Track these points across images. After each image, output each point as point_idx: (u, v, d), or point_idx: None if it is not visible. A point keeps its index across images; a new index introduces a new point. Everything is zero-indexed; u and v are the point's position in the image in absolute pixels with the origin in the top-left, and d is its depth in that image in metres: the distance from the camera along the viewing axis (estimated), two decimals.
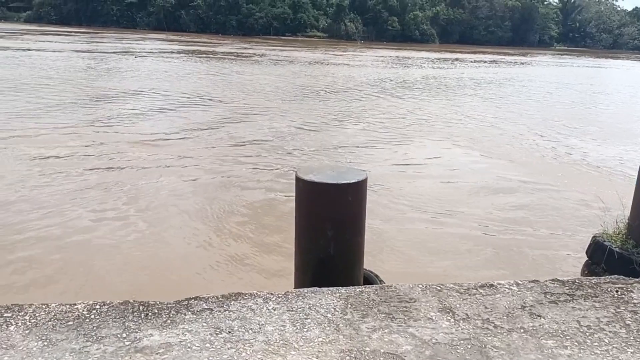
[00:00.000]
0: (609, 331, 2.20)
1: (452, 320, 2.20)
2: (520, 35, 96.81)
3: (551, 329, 2.19)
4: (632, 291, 2.58)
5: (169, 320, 2.08)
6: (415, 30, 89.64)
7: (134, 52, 35.14)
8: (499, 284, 2.58)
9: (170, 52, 37.68)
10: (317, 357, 1.88)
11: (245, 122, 13.21)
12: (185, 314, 2.13)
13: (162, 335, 1.97)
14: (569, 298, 2.49)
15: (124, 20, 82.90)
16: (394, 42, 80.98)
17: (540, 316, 2.30)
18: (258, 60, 35.29)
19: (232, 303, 2.24)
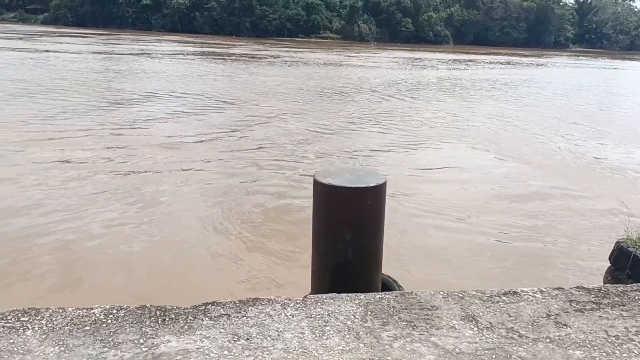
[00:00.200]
0: (639, 341, 2.12)
1: (476, 329, 2.14)
2: (536, 36, 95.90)
3: (578, 339, 2.12)
4: None
5: (186, 326, 2.04)
6: (429, 32, 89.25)
7: (150, 54, 35.40)
8: (522, 291, 2.51)
9: (185, 54, 37.91)
10: None
11: (261, 125, 13.18)
12: (202, 320, 2.10)
13: (180, 341, 1.94)
14: (595, 307, 2.42)
15: (139, 22, 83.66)
16: (407, 43, 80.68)
17: (566, 325, 2.23)
18: (272, 61, 35.36)
19: (250, 309, 2.20)
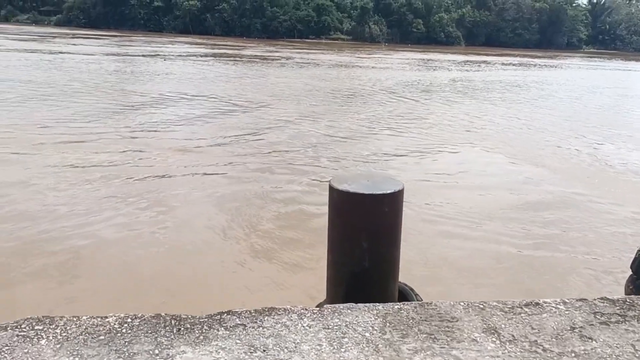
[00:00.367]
0: None
1: (498, 342, 2.08)
2: (548, 37, 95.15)
3: (604, 353, 2.05)
4: None
5: (201, 337, 2.01)
6: (440, 33, 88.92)
7: (163, 56, 35.59)
8: (544, 302, 2.44)
9: (197, 56, 38.07)
10: None
11: (274, 128, 13.11)
12: (218, 330, 2.06)
13: (195, 352, 1.90)
14: (620, 319, 2.34)
15: (151, 23, 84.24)
16: (418, 45, 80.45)
17: (591, 339, 2.16)
18: (284, 63, 35.40)
19: (266, 318, 2.16)
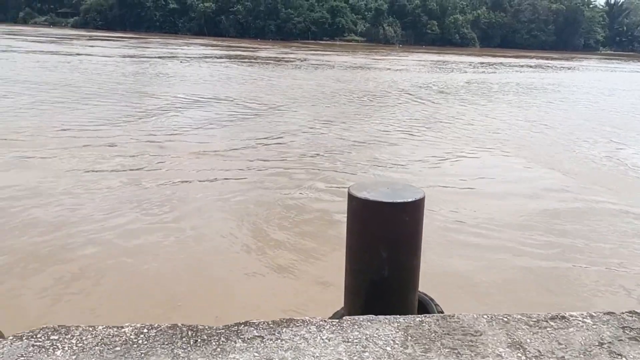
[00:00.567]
0: None
1: (524, 357, 2.01)
2: (564, 39, 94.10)
3: None
4: None
5: (218, 349, 1.96)
6: (455, 34, 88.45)
7: (179, 58, 35.83)
8: (570, 316, 2.36)
9: (213, 57, 38.27)
10: None
11: (291, 133, 12.98)
12: (235, 342, 2.01)
13: None
14: None
15: (167, 25, 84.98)
16: (433, 46, 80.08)
17: (621, 355, 2.08)
18: (299, 65, 35.43)
19: (284, 330, 2.11)
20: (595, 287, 5.47)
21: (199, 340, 2.02)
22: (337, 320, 2.22)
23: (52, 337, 1.99)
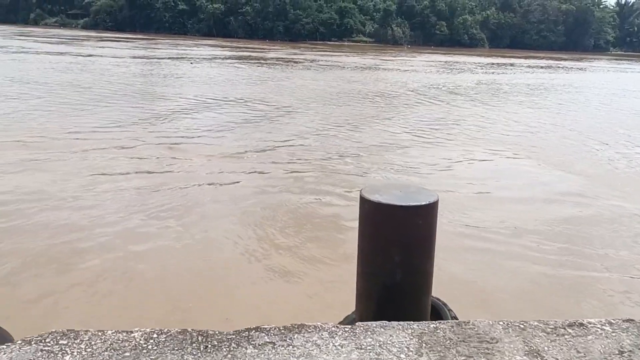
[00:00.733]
0: None
1: None
2: (574, 39, 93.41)
3: None
4: None
5: (229, 355, 1.92)
6: (464, 35, 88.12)
7: (189, 59, 35.95)
8: (589, 323, 2.30)
9: (222, 58, 38.36)
10: None
11: (301, 134, 12.92)
12: (246, 348, 1.97)
13: None
14: None
15: (176, 26, 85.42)
16: (441, 47, 79.77)
17: None
18: (309, 66, 35.41)
19: (296, 336, 2.07)
20: (613, 294, 5.36)
21: (210, 345, 1.98)
22: (350, 326, 2.18)
23: (61, 342, 1.96)
